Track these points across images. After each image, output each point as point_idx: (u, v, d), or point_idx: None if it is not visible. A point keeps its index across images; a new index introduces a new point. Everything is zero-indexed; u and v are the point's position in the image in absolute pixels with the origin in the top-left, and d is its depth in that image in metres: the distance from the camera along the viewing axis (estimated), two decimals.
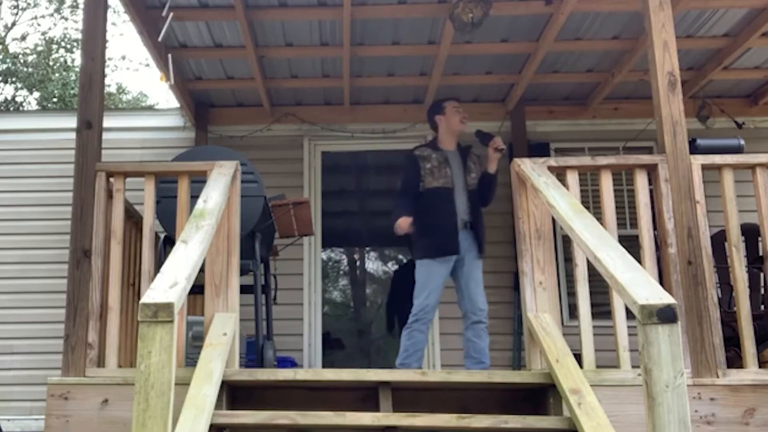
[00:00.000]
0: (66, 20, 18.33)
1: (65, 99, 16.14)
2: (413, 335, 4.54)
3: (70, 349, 3.67)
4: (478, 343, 4.56)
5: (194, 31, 5.62)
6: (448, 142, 4.86)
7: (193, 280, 2.85)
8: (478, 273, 4.69)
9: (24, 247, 6.53)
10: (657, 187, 3.78)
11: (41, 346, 6.11)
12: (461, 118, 4.86)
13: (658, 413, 2.42)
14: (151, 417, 2.45)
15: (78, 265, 3.78)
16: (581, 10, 5.22)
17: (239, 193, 3.86)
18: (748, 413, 3.42)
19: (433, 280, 4.58)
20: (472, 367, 4.51)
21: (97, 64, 4.10)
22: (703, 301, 3.60)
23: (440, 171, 4.71)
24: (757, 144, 5.94)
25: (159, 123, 7.04)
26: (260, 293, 4.59)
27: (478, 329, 4.57)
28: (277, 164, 6.56)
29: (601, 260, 2.91)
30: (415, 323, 4.55)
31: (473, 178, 4.77)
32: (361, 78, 6.33)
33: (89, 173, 3.89)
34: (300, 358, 6.26)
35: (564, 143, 6.74)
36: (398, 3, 5.23)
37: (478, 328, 4.58)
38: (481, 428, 3.11)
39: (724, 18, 5.44)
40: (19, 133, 6.96)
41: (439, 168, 4.72)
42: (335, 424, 3.14)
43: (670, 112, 3.83)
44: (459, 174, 4.75)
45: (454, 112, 4.87)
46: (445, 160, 4.75)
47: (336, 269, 12.77)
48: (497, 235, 6.52)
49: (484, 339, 4.58)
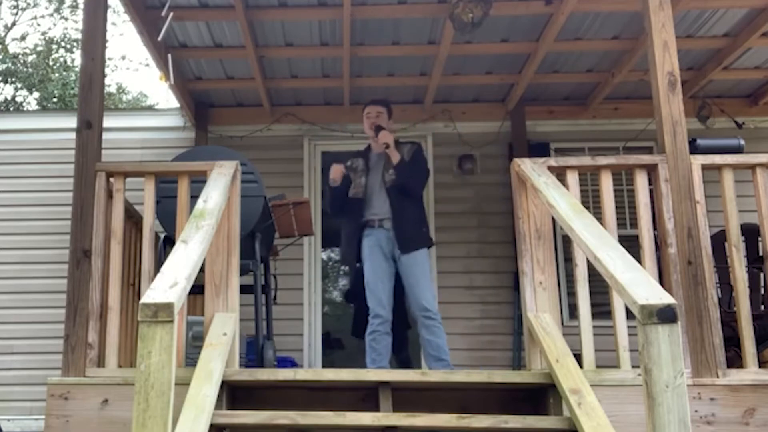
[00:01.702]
0: (66, 20, 18.35)
1: (65, 99, 16.14)
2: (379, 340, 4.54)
3: (70, 349, 3.67)
4: (433, 340, 4.49)
5: (194, 31, 5.62)
6: (375, 145, 4.89)
7: (193, 280, 2.85)
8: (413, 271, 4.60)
9: (24, 247, 6.53)
10: (657, 187, 3.78)
11: (41, 346, 6.11)
12: (369, 124, 4.87)
13: (658, 413, 2.42)
14: (151, 417, 2.45)
15: (78, 265, 3.77)
16: (581, 10, 5.22)
17: (239, 193, 3.86)
18: (748, 413, 3.42)
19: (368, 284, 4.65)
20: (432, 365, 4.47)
21: (97, 64, 4.09)
22: (703, 301, 3.60)
23: (357, 180, 4.81)
24: (757, 144, 5.94)
25: (159, 123, 7.04)
26: (260, 293, 4.58)
27: (430, 326, 4.50)
28: (277, 164, 6.57)
29: (601, 260, 2.91)
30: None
31: (391, 174, 4.72)
32: (361, 78, 6.33)
33: (89, 173, 3.89)
34: (300, 358, 6.27)
35: (564, 143, 6.74)
36: (398, 3, 5.23)
37: (429, 324, 4.50)
38: (481, 428, 3.11)
39: (724, 18, 5.44)
40: (19, 133, 6.96)
41: (358, 178, 4.82)
42: (335, 424, 3.14)
43: (670, 112, 3.83)
44: (377, 175, 4.77)
45: (366, 118, 4.92)
46: (365, 168, 4.83)
47: (336, 269, 12.75)
48: (497, 235, 6.54)
49: (439, 335, 4.50)
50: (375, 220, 4.72)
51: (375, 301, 4.61)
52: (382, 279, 4.64)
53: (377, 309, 4.58)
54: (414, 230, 4.67)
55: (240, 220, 3.80)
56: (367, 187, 4.78)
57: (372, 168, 4.84)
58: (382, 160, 4.81)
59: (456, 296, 6.42)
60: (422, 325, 4.53)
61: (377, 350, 4.52)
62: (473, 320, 6.36)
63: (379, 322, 4.56)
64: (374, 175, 4.81)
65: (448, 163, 6.71)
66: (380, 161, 4.83)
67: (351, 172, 4.88)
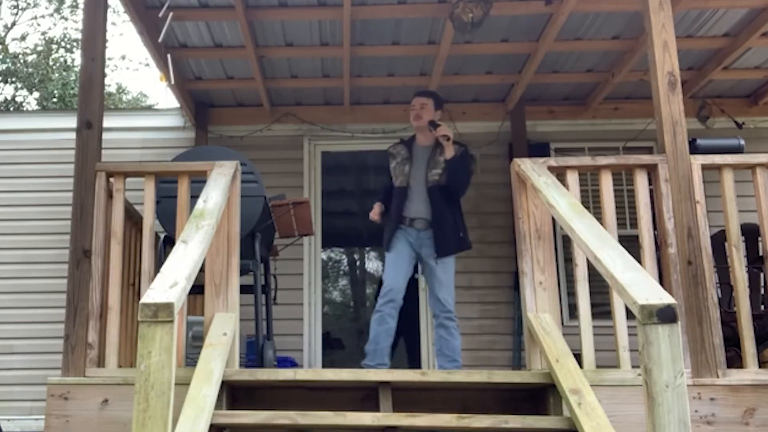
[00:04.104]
0: (66, 20, 18.34)
1: (65, 99, 16.15)
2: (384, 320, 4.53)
3: (70, 349, 3.67)
4: (450, 341, 4.52)
5: (194, 31, 5.62)
6: (420, 138, 4.85)
7: (193, 280, 2.85)
8: (441, 274, 4.62)
9: (24, 247, 6.53)
10: (657, 187, 3.78)
11: (41, 346, 6.11)
12: (413, 116, 4.82)
13: (658, 413, 2.42)
14: (151, 417, 2.45)
15: (78, 265, 3.77)
16: (581, 10, 5.22)
17: (239, 193, 3.86)
18: (748, 413, 3.42)
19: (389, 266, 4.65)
20: (444, 365, 4.49)
21: (97, 64, 4.09)
22: (703, 301, 3.60)
23: (401, 168, 4.76)
24: (757, 144, 5.93)
25: (159, 123, 7.04)
26: (260, 293, 4.59)
27: (450, 327, 4.54)
28: (277, 164, 6.56)
29: (601, 260, 2.91)
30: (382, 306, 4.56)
31: (434, 174, 4.65)
32: (361, 78, 6.33)
33: (89, 173, 3.89)
34: (300, 358, 6.27)
35: (564, 143, 6.74)
36: (398, 3, 5.23)
37: (450, 325, 4.54)
38: (481, 428, 3.11)
39: (724, 18, 5.44)
40: (19, 133, 6.96)
41: (401, 165, 4.77)
42: (335, 424, 3.14)
43: (670, 112, 3.83)
44: (420, 171, 4.70)
45: (410, 110, 4.88)
46: (409, 156, 4.76)
47: (336, 269, 12.76)
48: (497, 235, 6.53)
49: (456, 337, 4.54)
50: (412, 219, 4.66)
51: (391, 280, 4.57)
52: (403, 265, 4.62)
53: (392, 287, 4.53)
54: (452, 235, 4.64)
55: (240, 220, 3.80)
56: (410, 177, 4.71)
57: (415, 161, 4.74)
58: (426, 156, 4.71)
59: (456, 296, 6.40)
60: (441, 325, 4.55)
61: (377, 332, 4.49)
62: (473, 320, 6.36)
63: (386, 302, 4.52)
64: (417, 169, 4.71)
65: None
66: (424, 156, 4.72)
67: (392, 158, 4.84)
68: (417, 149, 4.78)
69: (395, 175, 4.79)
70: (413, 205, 4.67)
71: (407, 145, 4.85)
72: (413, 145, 4.82)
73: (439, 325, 4.57)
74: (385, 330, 4.49)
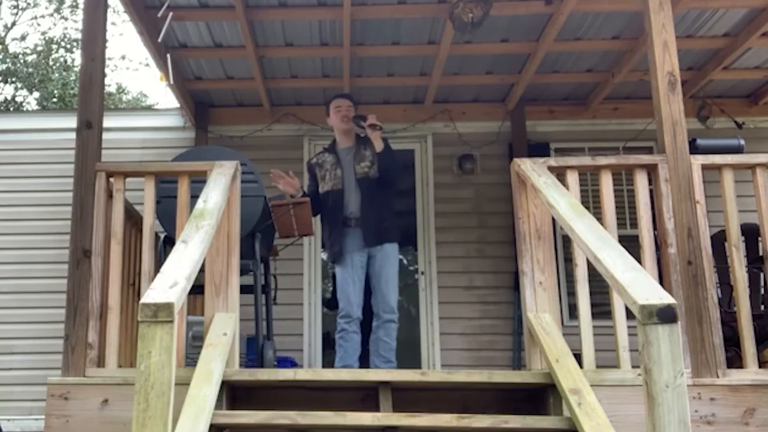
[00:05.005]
0: (66, 20, 18.35)
1: (65, 99, 16.14)
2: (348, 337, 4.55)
3: (70, 349, 3.67)
4: (389, 343, 4.52)
5: (194, 31, 5.62)
6: (342, 140, 4.91)
7: (193, 280, 2.85)
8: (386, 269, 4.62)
9: (24, 247, 6.53)
10: (657, 187, 3.78)
11: (41, 346, 6.11)
12: (341, 117, 4.86)
13: (658, 413, 2.42)
14: (151, 417, 2.45)
15: (78, 265, 3.77)
16: (581, 10, 5.22)
17: (239, 193, 3.86)
18: (748, 413, 3.42)
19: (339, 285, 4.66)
20: (380, 365, 4.48)
21: (97, 64, 4.09)
22: (703, 301, 3.60)
23: (332, 173, 4.80)
24: (757, 144, 5.94)
25: (159, 123, 7.04)
26: (260, 293, 4.58)
27: (390, 329, 4.53)
28: (277, 164, 6.51)
29: (601, 260, 2.91)
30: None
31: (363, 167, 4.75)
32: (361, 78, 6.33)
33: (89, 173, 3.89)
34: (300, 358, 6.27)
35: (564, 143, 6.74)
36: (398, 3, 5.23)
37: (390, 328, 4.54)
38: (481, 428, 3.11)
39: (724, 18, 5.44)
40: (19, 133, 6.96)
41: (332, 170, 4.81)
42: (335, 424, 3.14)
43: (670, 112, 3.83)
44: (349, 170, 4.77)
45: (336, 112, 4.92)
46: (337, 161, 4.82)
47: None
48: (497, 235, 6.54)
49: (394, 339, 4.54)
50: (350, 219, 4.74)
51: (344, 301, 4.62)
52: (352, 278, 4.65)
53: (346, 308, 4.59)
54: (383, 222, 4.67)
55: (240, 220, 3.80)
56: (344, 179, 4.79)
57: (344, 163, 4.84)
58: (351, 154, 4.84)
59: (456, 296, 6.43)
60: (382, 326, 4.56)
61: (345, 348, 4.54)
62: (473, 320, 6.36)
63: (346, 321, 4.59)
64: (347, 169, 4.81)
65: (448, 163, 6.72)
66: (349, 155, 4.85)
67: (318, 168, 4.92)
68: (341, 152, 4.90)
69: (327, 181, 4.84)
70: (350, 206, 4.76)
71: (330, 151, 4.94)
72: (336, 150, 4.92)
73: (379, 327, 4.56)
74: (352, 345, 4.56)
